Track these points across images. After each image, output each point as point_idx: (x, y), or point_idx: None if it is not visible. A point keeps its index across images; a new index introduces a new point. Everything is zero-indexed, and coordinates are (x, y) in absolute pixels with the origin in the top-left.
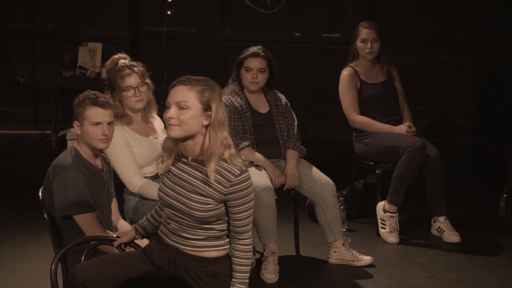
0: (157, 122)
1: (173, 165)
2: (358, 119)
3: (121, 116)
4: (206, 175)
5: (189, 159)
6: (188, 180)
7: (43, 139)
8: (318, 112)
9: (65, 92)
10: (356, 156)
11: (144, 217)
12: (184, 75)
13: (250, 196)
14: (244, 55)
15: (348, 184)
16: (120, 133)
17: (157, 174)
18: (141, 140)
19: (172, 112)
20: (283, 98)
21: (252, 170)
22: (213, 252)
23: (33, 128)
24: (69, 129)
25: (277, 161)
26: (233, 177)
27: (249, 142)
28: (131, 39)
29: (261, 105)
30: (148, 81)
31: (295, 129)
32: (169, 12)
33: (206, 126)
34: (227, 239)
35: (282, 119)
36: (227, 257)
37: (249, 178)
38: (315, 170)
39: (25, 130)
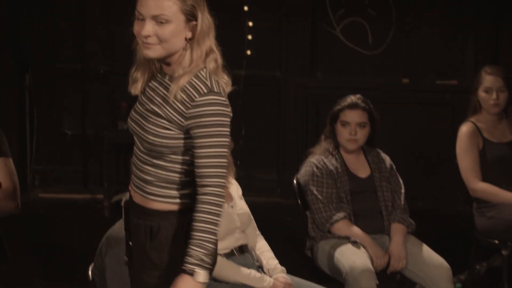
0: (234, 188)
1: (147, 84)
2: (480, 187)
3: None
4: (169, 92)
5: (166, 77)
6: (153, 100)
7: (93, 205)
8: (430, 177)
9: (121, 148)
10: (478, 232)
11: None
12: (265, 127)
13: (219, 129)
14: (340, 106)
15: (467, 267)
16: None
17: (232, 250)
18: None
19: (149, 28)
20: (387, 159)
21: (348, 248)
22: (158, 202)
23: (82, 191)
24: (125, 194)
25: (379, 237)
26: (197, 96)
27: (345, 213)
28: None
29: (361, 168)
30: None
31: (402, 198)
32: (248, 52)
33: (189, 40)
34: (184, 192)
35: (386, 185)
36: (178, 215)
37: (221, 103)
38: (426, 249)
39: (72, 194)
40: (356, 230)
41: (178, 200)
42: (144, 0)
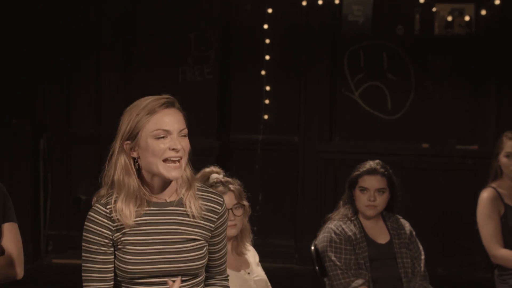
0: (251, 254)
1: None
2: (502, 254)
3: None
4: (189, 215)
5: (167, 200)
6: (173, 230)
7: None
8: (450, 243)
9: None
10: None
11: None
12: (283, 192)
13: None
14: (358, 172)
15: None
16: None
17: None
18: (232, 275)
19: (182, 142)
20: (407, 225)
21: None
22: None
23: None
24: None
25: None
26: (218, 207)
27: (364, 280)
28: (218, 149)
29: (380, 234)
30: (245, 203)
31: (422, 265)
32: (266, 117)
33: None
34: None
35: (406, 252)
36: None
37: None
38: None
39: None
40: None
41: None
42: (170, 118)
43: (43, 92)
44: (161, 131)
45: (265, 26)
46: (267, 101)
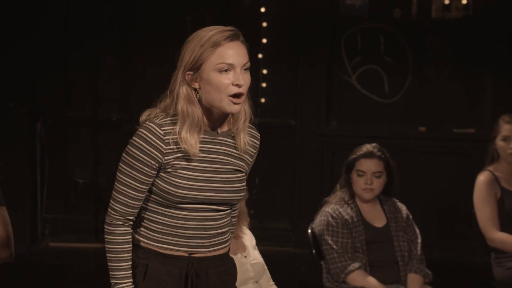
0: (248, 238)
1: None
2: (499, 237)
3: None
4: (237, 148)
5: (218, 131)
6: (221, 160)
7: (104, 255)
8: (447, 227)
9: None
10: (496, 282)
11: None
12: (280, 176)
13: None
14: (355, 156)
15: None
16: None
17: None
18: None
19: (245, 77)
20: (403, 209)
21: None
22: (228, 246)
23: (93, 240)
24: None
25: None
26: (257, 142)
27: (361, 264)
28: None
29: (377, 218)
30: None
31: (419, 248)
32: (263, 100)
33: None
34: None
35: (403, 235)
36: None
37: None
38: None
39: (83, 243)
40: (371, 281)
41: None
42: (235, 51)
43: (40, 75)
44: (224, 64)
45: (262, 10)
46: (264, 85)
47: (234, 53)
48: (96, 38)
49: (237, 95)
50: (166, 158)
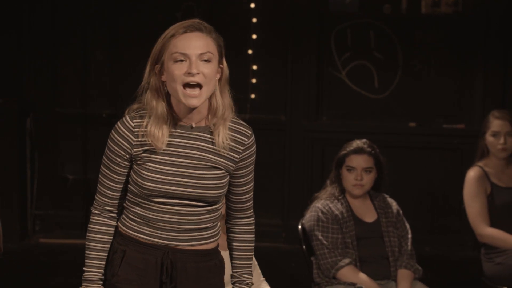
0: None
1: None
2: (488, 232)
3: None
4: (214, 143)
5: (192, 129)
6: (195, 156)
7: None
8: (437, 222)
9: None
10: (486, 278)
11: (91, 252)
12: (270, 171)
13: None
14: (345, 151)
15: None
16: None
17: None
18: None
19: (197, 66)
20: (394, 204)
21: None
22: (216, 241)
23: (83, 236)
24: None
25: (385, 283)
26: (246, 140)
27: (351, 259)
28: None
29: (367, 213)
30: None
31: (409, 244)
32: (252, 96)
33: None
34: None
35: (393, 231)
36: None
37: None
38: None
39: (73, 239)
40: (362, 276)
41: (219, 235)
42: (189, 41)
43: (29, 71)
44: (178, 54)
45: (252, 5)
46: (253, 80)
47: (188, 43)
48: (85, 33)
49: (190, 85)
50: (135, 150)
